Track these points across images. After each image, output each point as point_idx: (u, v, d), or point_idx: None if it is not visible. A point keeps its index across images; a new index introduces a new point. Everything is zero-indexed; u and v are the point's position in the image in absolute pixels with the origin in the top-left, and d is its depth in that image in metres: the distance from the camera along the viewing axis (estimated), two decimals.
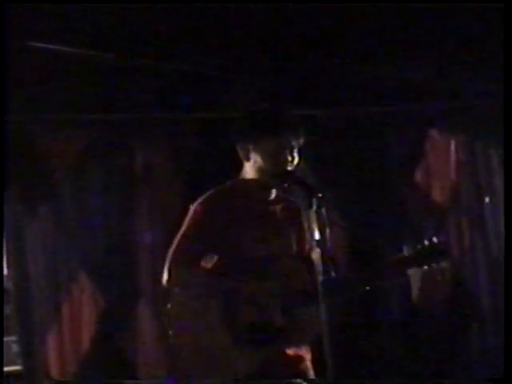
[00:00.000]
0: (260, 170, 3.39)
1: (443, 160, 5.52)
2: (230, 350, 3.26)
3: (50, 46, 4.26)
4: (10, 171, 4.67)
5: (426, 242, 3.27)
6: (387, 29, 4.34)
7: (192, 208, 3.41)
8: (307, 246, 3.36)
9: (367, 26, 4.29)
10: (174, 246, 3.37)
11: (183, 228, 3.39)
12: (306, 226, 3.33)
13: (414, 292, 5.10)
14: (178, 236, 3.39)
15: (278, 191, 3.44)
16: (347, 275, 3.36)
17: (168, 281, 3.34)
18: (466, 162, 5.52)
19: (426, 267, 3.28)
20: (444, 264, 3.29)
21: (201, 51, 4.54)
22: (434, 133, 5.52)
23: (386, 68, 4.87)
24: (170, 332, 3.36)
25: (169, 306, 3.38)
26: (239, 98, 4.87)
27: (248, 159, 3.41)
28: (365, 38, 4.44)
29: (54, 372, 4.97)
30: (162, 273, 3.36)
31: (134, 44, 4.35)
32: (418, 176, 5.53)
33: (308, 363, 3.42)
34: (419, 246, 3.28)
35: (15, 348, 4.88)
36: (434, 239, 3.27)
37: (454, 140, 5.52)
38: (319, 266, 2.95)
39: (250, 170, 3.43)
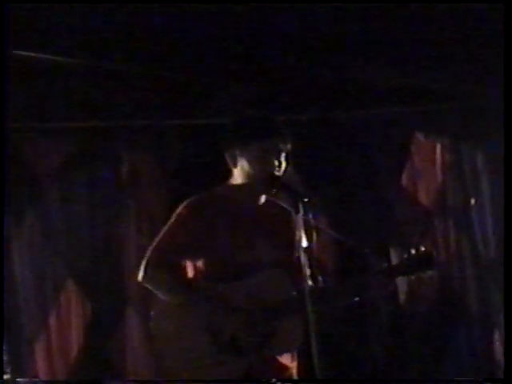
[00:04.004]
0: (247, 176, 3.38)
1: (429, 163, 5.53)
2: (213, 357, 3.27)
3: (36, 54, 4.25)
4: None
5: (413, 251, 3.29)
6: (373, 31, 4.34)
7: (177, 210, 3.41)
8: (295, 253, 3.37)
9: (354, 28, 4.29)
10: (153, 245, 3.38)
11: (165, 228, 3.39)
12: (294, 232, 3.36)
13: (402, 298, 5.14)
14: (159, 236, 3.39)
15: (265, 197, 3.44)
16: (334, 285, 3.37)
17: (143, 278, 3.35)
18: (451, 165, 5.54)
19: (412, 276, 3.30)
20: (430, 273, 3.31)
21: (187, 58, 4.54)
22: (419, 136, 5.53)
23: (371, 72, 4.88)
24: (155, 338, 3.37)
25: (152, 312, 3.39)
26: (225, 105, 4.87)
27: (235, 165, 3.41)
28: (351, 41, 4.44)
29: (43, 378, 4.96)
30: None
31: (120, 52, 4.34)
32: (405, 179, 5.54)
33: (293, 371, 3.42)
34: (405, 256, 3.29)
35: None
36: (421, 248, 3.29)
37: (440, 143, 5.54)
38: (307, 273, 2.96)
39: (238, 176, 3.42)
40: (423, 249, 3.28)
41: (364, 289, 3.32)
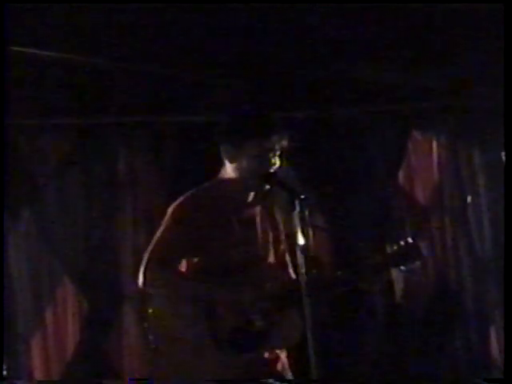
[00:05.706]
0: (243, 172, 3.37)
1: (425, 160, 5.54)
2: (211, 355, 3.27)
3: (33, 51, 4.26)
4: None
5: (402, 243, 3.32)
6: (373, 31, 4.35)
7: (170, 210, 3.40)
8: (286, 248, 3.36)
9: (349, 26, 4.29)
10: (150, 248, 3.37)
11: (160, 230, 3.38)
12: (282, 228, 3.36)
13: (397, 291, 5.15)
14: (155, 238, 3.38)
15: (257, 193, 3.44)
16: (328, 277, 3.38)
17: (143, 283, 3.35)
18: (448, 162, 5.54)
19: (401, 268, 3.32)
20: (417, 264, 3.33)
21: (185, 55, 4.54)
22: (416, 133, 5.54)
23: (368, 70, 4.88)
24: (151, 337, 3.37)
25: (150, 310, 3.39)
26: (223, 102, 4.87)
27: (231, 161, 3.40)
28: (347, 38, 4.44)
29: (39, 377, 4.96)
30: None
31: (117, 48, 4.35)
32: (401, 177, 5.54)
33: (286, 365, 3.43)
34: (394, 248, 3.32)
35: None
36: (409, 240, 3.31)
37: (436, 140, 5.54)
38: (302, 268, 2.96)
39: (232, 171, 3.41)
40: (411, 240, 3.31)
41: (357, 280, 3.35)
